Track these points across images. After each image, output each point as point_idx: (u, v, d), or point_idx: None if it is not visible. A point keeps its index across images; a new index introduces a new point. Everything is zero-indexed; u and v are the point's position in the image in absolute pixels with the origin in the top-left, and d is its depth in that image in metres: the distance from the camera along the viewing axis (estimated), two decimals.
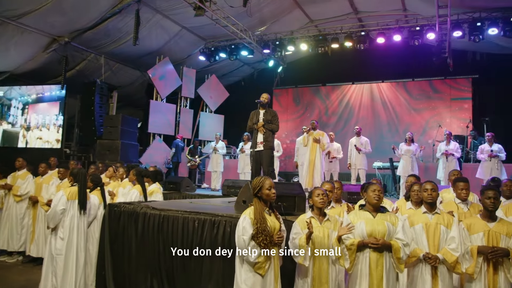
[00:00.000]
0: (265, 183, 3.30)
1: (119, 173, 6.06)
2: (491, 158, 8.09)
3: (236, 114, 15.18)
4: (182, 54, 12.79)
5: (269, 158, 6.28)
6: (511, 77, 11.04)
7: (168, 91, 12.33)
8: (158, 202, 5.39)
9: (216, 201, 6.37)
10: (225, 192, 8.28)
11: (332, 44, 10.83)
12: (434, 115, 12.81)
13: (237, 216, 4.04)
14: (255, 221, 3.18)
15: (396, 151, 9.17)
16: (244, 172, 10.56)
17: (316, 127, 8.74)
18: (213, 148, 11.00)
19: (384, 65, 13.37)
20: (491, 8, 9.07)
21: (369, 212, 3.50)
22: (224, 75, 15.02)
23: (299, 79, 14.92)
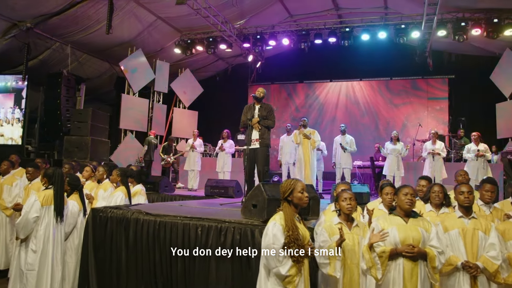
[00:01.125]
0: (297, 185, 2.88)
1: (98, 173, 5.40)
2: (478, 157, 8.08)
3: (210, 110, 14.69)
4: (156, 46, 12.05)
5: (265, 157, 5.86)
6: (485, 78, 11.21)
7: (141, 84, 11.59)
8: (147, 206, 4.81)
9: (206, 203, 5.87)
10: (208, 192, 7.78)
11: (315, 39, 10.54)
12: (411, 114, 12.89)
13: (246, 222, 3.61)
14: (287, 228, 2.76)
15: (382, 150, 9.02)
16: (224, 171, 10.07)
17: (306, 124, 8.41)
18: (191, 145, 10.41)
19: (362, 63, 13.28)
20: (474, 9, 9.12)
21: (400, 217, 3.18)
22: (197, 70, 14.39)
23: (276, 75, 14.58)
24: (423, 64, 12.21)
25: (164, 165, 11.02)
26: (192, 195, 8.04)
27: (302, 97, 14.46)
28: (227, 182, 7.83)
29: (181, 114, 13.42)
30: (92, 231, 4.18)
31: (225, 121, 14.74)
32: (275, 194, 3.66)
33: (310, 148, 8.35)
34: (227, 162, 10.11)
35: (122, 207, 4.28)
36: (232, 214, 4.37)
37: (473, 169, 8.16)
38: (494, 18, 8.81)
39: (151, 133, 11.30)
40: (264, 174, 5.81)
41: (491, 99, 11.03)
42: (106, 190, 5.28)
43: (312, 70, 13.98)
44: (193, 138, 10.60)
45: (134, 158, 11.09)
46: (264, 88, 14.28)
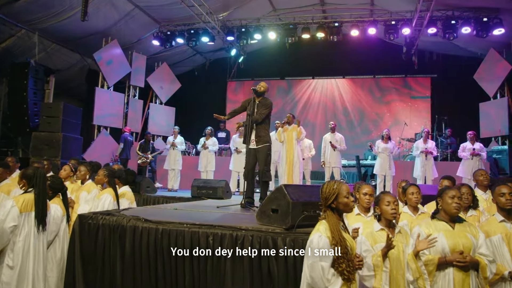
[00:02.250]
0: (342, 189, 2.46)
1: (80, 173, 4.76)
2: (473, 156, 8.01)
3: (188, 106, 14.06)
4: (132, 38, 11.31)
5: (266, 156, 5.46)
6: (467, 78, 11.30)
7: (116, 78, 10.83)
8: (138, 210, 4.25)
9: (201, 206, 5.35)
10: (195, 193, 7.24)
11: (303, 34, 10.19)
12: (394, 113, 12.84)
13: (267, 230, 3.16)
14: (334, 241, 2.34)
15: (373, 149, 8.80)
16: (207, 170, 9.55)
17: (291, 121, 8.04)
18: (171, 143, 9.80)
19: (345, 61, 13.16)
20: (463, 7, 9.07)
21: (446, 223, 2.85)
22: (174, 64, 13.70)
23: (256, 71, 14.14)
24: (406, 62, 12.19)
25: (141, 164, 10.32)
26: (177, 196, 7.47)
27: (283, 94, 14.12)
28: (215, 182, 7.31)
29: (157, 110, 12.74)
30: (79, 241, 3.58)
31: (203, 117, 14.17)
32: (299, 198, 3.24)
33: (295, 146, 8.01)
34: (210, 161, 9.59)
35: (114, 213, 3.70)
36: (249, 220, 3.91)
37: (468, 168, 8.10)
38: (483, 17, 8.78)
39: (126, 129, 10.58)
40: (264, 174, 5.40)
41: (473, 99, 11.12)
42: (89, 192, 4.67)
43: (294, 67, 13.68)
44: (174, 136, 10.01)
45: (108, 156, 10.33)
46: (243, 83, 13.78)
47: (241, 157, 9.39)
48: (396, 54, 12.22)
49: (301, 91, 13.90)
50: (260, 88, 5.54)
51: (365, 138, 12.51)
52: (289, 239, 3.11)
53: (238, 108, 5.72)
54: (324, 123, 13.12)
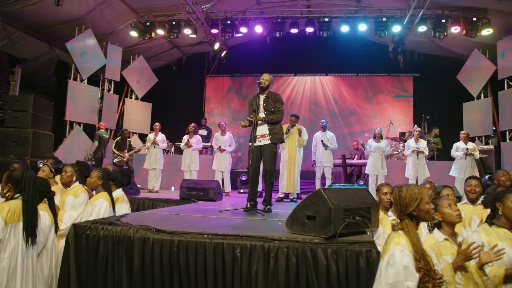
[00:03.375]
0: (424, 193, 2.10)
1: (66, 175, 4.13)
2: (467, 156, 7.95)
3: (165, 102, 13.40)
4: (107, 28, 10.52)
5: (273, 155, 5.02)
6: (449, 78, 11.39)
7: (91, 70, 10.05)
8: (135, 217, 3.72)
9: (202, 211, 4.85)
10: (184, 195, 6.72)
11: (291, 29, 9.82)
12: (377, 111, 12.77)
13: (304, 240, 2.76)
14: (417, 256, 1.97)
15: (366, 148, 8.59)
16: (191, 170, 9.01)
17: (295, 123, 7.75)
18: (152, 141, 9.18)
19: (327, 58, 12.95)
20: (453, 6, 9.03)
21: (508, 230, 2.56)
22: (149, 58, 12.99)
23: (237, 67, 13.67)
24: (388, 61, 12.15)
25: (118, 163, 9.60)
26: (163, 198, 6.89)
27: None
28: (206, 183, 6.81)
29: (133, 105, 12.01)
30: (75, 256, 3.01)
31: (180, 114, 13.57)
32: (339, 203, 2.84)
33: (297, 147, 7.69)
34: (194, 160, 9.06)
35: (117, 222, 3.16)
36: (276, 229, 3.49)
37: (461, 167, 8.03)
38: (472, 17, 8.77)
39: (100, 125, 9.84)
40: (271, 175, 4.97)
41: (456, 99, 11.21)
42: (77, 196, 4.06)
43: (275, 63, 13.28)
44: (155, 133, 9.39)
45: (82, 154, 9.55)
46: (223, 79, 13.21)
47: (224, 156, 8.93)
48: (379, 52, 12.17)
49: (283, 88, 13.56)
50: (264, 83, 5.12)
51: (349, 137, 12.36)
52: (331, 250, 2.72)
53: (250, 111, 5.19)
54: (306, 121, 12.87)
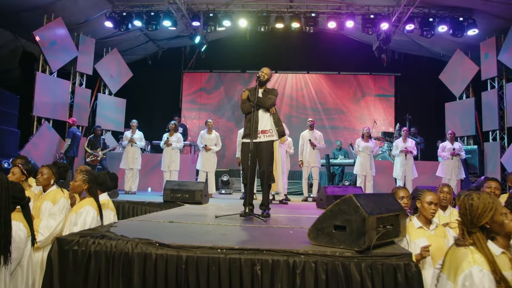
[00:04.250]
0: (498, 203, 1.79)
1: (42, 177, 3.59)
2: (453, 156, 7.89)
3: (139, 98, 12.77)
4: (79, 17, 9.77)
5: (271, 154, 4.65)
6: (430, 78, 11.43)
7: (61, 62, 9.29)
8: (126, 226, 3.25)
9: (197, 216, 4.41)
10: (168, 197, 6.25)
11: (276, 23, 9.46)
12: (359, 110, 12.67)
13: (333, 254, 2.41)
14: (497, 276, 1.66)
15: (354, 147, 8.38)
16: (170, 170, 8.50)
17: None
18: (129, 139, 8.59)
19: (310, 56, 12.77)
20: (440, 5, 8.98)
21: None
22: (124, 51, 12.28)
23: (216, 63, 13.23)
24: (370, 60, 12.06)
25: (91, 162, 8.97)
26: (145, 201, 6.36)
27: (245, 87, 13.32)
28: (192, 185, 6.36)
29: (106, 101, 11.29)
30: (59, 276, 2.52)
31: (156, 111, 12.97)
32: (373, 210, 2.51)
33: (279, 144, 7.32)
34: (174, 160, 8.56)
35: (109, 234, 2.69)
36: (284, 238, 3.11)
37: (448, 167, 7.96)
38: (459, 16, 8.75)
39: (70, 121, 9.14)
40: (269, 177, 4.58)
41: (438, 99, 11.25)
42: (55, 202, 3.55)
43: (256, 60, 12.88)
44: (132, 130, 8.80)
45: (51, 153, 8.82)
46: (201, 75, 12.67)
47: (209, 155, 8.49)
48: (361, 51, 12.07)
49: None
50: (264, 76, 4.72)
51: (333, 135, 12.18)
52: (365, 265, 2.39)
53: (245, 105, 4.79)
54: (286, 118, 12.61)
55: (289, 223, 4.07)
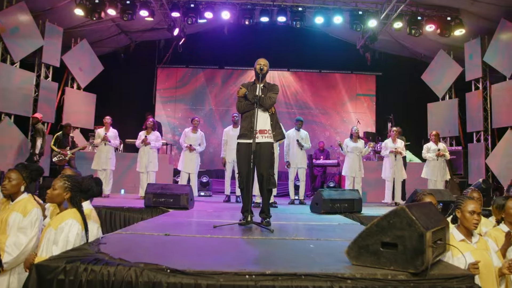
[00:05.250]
0: None
1: (9, 184, 2.96)
2: (438, 157, 7.74)
3: (110, 94, 11.94)
4: (45, 3, 8.91)
5: (271, 156, 4.20)
6: (411, 78, 11.38)
7: (24, 52, 8.40)
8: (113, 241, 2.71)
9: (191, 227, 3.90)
10: (150, 202, 5.68)
11: (261, 17, 9.02)
12: (340, 110, 12.46)
13: (385, 277, 2.01)
14: None
15: (344, 148, 8.07)
16: (148, 171, 7.86)
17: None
18: (103, 137, 7.88)
19: (290, 53, 12.41)
20: (427, 4, 8.84)
21: None
22: (93, 43, 11.43)
23: (192, 58, 12.62)
24: (353, 59, 11.89)
25: (58, 162, 8.21)
26: (124, 206, 5.73)
27: (222, 84, 12.83)
28: (177, 188, 5.82)
29: (75, 96, 10.44)
30: None
31: (128, 107, 12.17)
32: (428, 224, 2.12)
33: None
34: (152, 160, 7.93)
35: (100, 255, 2.15)
36: (311, 256, 2.67)
37: (433, 168, 7.81)
38: (447, 16, 8.65)
39: (36, 117, 8.31)
40: (269, 181, 4.12)
41: (419, 99, 11.18)
42: (26, 213, 2.96)
43: (235, 56, 12.46)
44: (105, 128, 8.09)
45: (13, 153, 7.97)
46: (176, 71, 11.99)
47: (192, 156, 7.95)
48: (343, 49, 11.87)
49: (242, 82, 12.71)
50: (263, 68, 4.25)
51: (314, 135, 11.88)
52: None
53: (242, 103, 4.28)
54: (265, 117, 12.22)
55: (300, 233, 3.63)
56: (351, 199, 5.83)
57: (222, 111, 12.63)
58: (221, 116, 12.61)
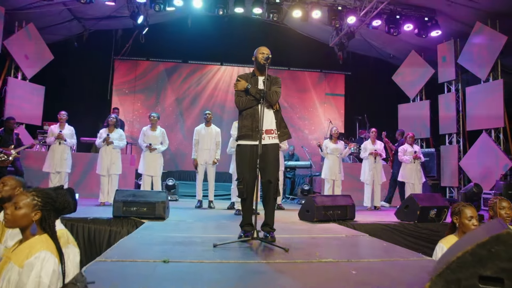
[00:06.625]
0: None
1: None
2: (415, 160, 7.58)
3: (60, 86, 10.75)
4: None
5: (277, 160, 3.65)
6: (381, 78, 11.32)
7: None
8: (106, 277, 2.01)
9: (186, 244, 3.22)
10: (120, 212, 4.89)
11: (235, 8, 8.37)
12: (309, 109, 12.13)
13: None
14: None
15: (324, 149, 7.67)
16: (110, 174, 6.97)
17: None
18: (57, 135, 6.87)
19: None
20: (404, 3, 8.69)
21: None
22: (42, 29, 10.17)
23: (153, 51, 11.69)
24: (322, 57, 11.63)
25: (0, 163, 7.05)
26: (88, 217, 4.85)
27: (187, 79, 12.04)
28: (152, 195, 5.04)
29: (19, 87, 9.18)
30: None
31: (81, 103, 10.99)
32: None
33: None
34: (115, 161, 7.06)
35: None
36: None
37: (410, 172, 7.63)
38: (424, 16, 8.55)
39: None
40: (276, 189, 3.56)
41: (388, 99, 11.13)
42: None
43: (199, 50, 11.72)
44: (60, 125, 7.08)
45: None
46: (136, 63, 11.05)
47: (154, 156, 7.16)
48: (312, 48, 11.57)
49: (208, 78, 12.08)
50: (268, 57, 3.70)
51: None
52: None
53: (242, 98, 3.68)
54: (231, 114, 11.68)
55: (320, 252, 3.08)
56: (344, 206, 5.41)
57: (184, 108, 11.84)
58: (183, 113, 11.82)
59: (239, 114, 3.76)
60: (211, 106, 11.69)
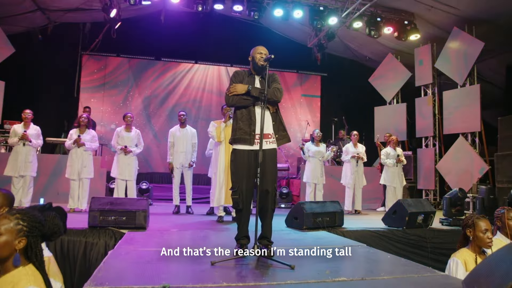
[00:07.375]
0: None
1: None
2: (398, 163, 7.60)
3: (22, 82, 10.03)
4: None
5: (276, 167, 3.40)
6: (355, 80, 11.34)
7: None
8: None
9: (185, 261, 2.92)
10: (96, 221, 4.51)
11: (215, 4, 8.04)
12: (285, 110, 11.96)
13: None
14: None
15: (306, 152, 7.52)
16: (81, 178, 6.50)
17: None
18: (21, 135, 6.30)
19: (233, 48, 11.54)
20: (384, 6, 8.68)
21: None
22: (1, 19, 9.43)
23: (124, 47, 11.15)
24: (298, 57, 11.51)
25: None
26: None
27: (159, 77, 11.58)
28: (131, 203, 4.66)
29: None
30: None
31: (44, 100, 10.28)
32: None
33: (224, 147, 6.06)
34: (87, 165, 6.59)
35: None
36: None
37: (392, 175, 7.65)
38: (404, 19, 8.58)
39: None
40: (274, 199, 3.33)
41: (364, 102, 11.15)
42: None
43: (173, 47, 11.30)
44: (24, 124, 6.51)
45: None
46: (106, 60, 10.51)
47: (129, 159, 6.74)
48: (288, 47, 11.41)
49: (181, 76, 11.66)
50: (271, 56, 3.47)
51: None
52: None
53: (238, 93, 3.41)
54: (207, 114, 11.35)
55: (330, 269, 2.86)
56: (333, 212, 5.25)
57: (156, 106, 11.38)
58: (155, 112, 11.36)
59: (233, 113, 3.51)
60: (184, 105, 11.29)
